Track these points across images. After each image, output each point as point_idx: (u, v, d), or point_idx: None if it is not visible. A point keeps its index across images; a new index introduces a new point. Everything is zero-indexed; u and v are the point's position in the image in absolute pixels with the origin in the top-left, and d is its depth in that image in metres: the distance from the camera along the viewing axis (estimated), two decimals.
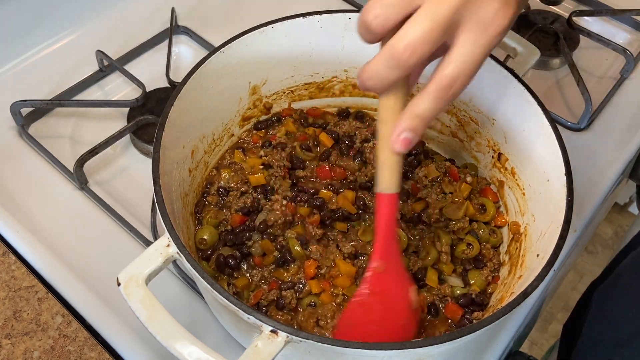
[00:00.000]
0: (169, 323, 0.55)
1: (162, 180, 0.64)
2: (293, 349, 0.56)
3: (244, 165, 0.80)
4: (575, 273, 2.03)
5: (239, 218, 0.76)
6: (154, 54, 1.07)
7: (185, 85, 0.72)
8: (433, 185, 0.80)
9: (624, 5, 1.18)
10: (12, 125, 0.94)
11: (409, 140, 0.56)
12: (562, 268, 0.96)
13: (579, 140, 0.99)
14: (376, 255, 0.64)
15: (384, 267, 0.63)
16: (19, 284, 0.76)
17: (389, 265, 0.64)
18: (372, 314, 0.64)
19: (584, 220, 0.90)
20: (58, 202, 0.87)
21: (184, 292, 0.80)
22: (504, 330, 0.79)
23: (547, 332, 1.90)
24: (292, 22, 0.79)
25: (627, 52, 1.07)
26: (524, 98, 0.74)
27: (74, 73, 1.01)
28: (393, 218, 0.63)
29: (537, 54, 0.81)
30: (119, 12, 1.11)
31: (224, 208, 0.77)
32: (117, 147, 0.94)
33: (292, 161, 0.80)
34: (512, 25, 0.55)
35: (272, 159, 0.80)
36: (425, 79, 0.57)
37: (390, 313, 0.65)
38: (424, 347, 0.55)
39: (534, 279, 0.60)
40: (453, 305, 0.72)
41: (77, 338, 0.73)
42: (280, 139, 0.83)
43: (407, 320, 0.66)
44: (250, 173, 0.78)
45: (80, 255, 0.81)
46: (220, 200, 0.78)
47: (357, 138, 0.83)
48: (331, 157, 0.81)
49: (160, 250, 0.59)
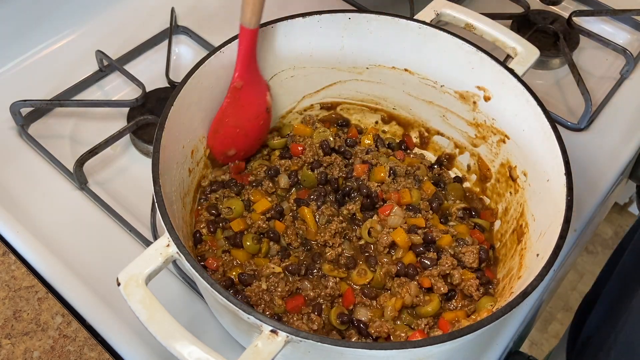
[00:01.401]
0: (169, 323, 0.55)
1: (162, 180, 0.64)
2: (293, 349, 0.56)
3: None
4: (575, 273, 2.03)
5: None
6: (153, 54, 1.07)
7: (185, 85, 0.72)
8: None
9: (624, 5, 1.18)
10: (12, 125, 0.94)
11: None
12: (562, 268, 0.96)
13: (579, 140, 0.99)
14: (236, 76, 0.78)
15: (241, 85, 0.78)
16: (19, 284, 0.76)
17: (247, 82, 0.79)
18: (235, 118, 0.80)
19: (583, 220, 0.90)
20: (58, 202, 0.87)
21: (184, 292, 0.80)
22: (504, 330, 0.79)
23: (547, 332, 1.91)
24: (292, 22, 0.79)
25: (627, 52, 1.07)
26: (524, 98, 0.74)
27: (74, 73, 1.01)
28: (250, 51, 0.76)
29: (537, 54, 0.81)
30: (118, 12, 1.11)
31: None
32: (117, 147, 0.94)
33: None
34: None
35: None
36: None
37: (250, 115, 0.82)
38: (424, 347, 0.55)
39: (534, 279, 0.60)
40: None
41: (77, 338, 0.73)
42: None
43: (264, 119, 0.84)
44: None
45: (80, 255, 0.81)
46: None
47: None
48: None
49: (160, 250, 0.59)
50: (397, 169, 0.83)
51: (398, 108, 0.90)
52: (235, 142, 0.83)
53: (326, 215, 0.79)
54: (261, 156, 0.86)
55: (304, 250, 0.77)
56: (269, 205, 0.79)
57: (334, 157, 0.84)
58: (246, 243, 0.75)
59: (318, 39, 0.82)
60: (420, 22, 0.80)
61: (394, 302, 0.72)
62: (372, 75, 0.87)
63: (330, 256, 0.76)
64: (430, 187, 0.83)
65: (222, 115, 0.80)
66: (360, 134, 0.90)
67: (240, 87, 0.79)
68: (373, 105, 0.91)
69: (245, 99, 0.80)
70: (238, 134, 0.82)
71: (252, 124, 0.83)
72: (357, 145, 0.88)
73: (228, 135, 0.81)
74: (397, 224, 0.77)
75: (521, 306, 0.60)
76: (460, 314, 0.72)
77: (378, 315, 0.72)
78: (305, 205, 0.79)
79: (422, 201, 0.81)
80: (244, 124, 0.82)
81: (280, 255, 0.76)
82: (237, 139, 0.82)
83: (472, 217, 0.82)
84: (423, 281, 0.73)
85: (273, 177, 0.82)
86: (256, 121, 0.84)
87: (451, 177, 0.87)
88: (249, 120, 0.83)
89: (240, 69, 0.78)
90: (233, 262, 0.75)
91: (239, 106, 0.80)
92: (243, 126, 0.82)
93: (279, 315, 0.71)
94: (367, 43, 0.83)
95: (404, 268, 0.74)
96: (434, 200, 0.82)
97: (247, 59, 0.77)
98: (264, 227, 0.77)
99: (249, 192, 0.80)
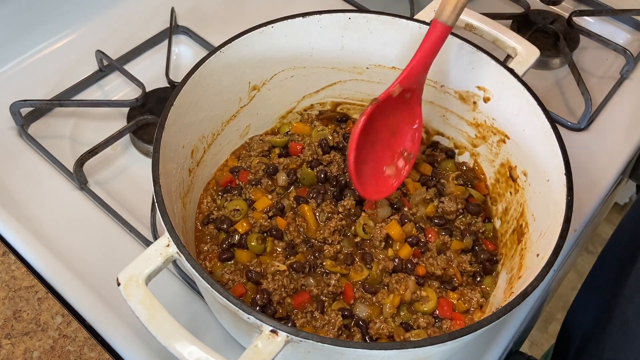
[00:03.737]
0: (169, 323, 0.55)
1: (162, 180, 0.64)
2: (293, 349, 0.56)
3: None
4: (575, 273, 2.03)
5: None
6: (153, 53, 1.07)
7: (184, 85, 0.72)
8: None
9: (624, 5, 1.18)
10: (12, 125, 0.94)
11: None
12: (562, 268, 0.96)
13: (579, 140, 0.99)
14: (399, 79, 0.66)
15: (399, 92, 0.66)
16: (19, 284, 0.76)
17: (404, 95, 0.67)
18: (375, 134, 0.69)
19: (583, 220, 0.90)
20: (58, 202, 0.87)
21: (184, 292, 0.80)
22: (504, 330, 0.79)
23: (547, 332, 1.90)
24: (292, 22, 0.79)
25: (627, 52, 1.07)
26: (524, 98, 0.74)
27: (74, 73, 1.01)
28: (435, 50, 0.65)
29: (537, 54, 0.81)
30: (118, 12, 1.11)
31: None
32: (117, 147, 0.94)
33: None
34: None
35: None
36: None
37: (392, 138, 0.70)
38: (424, 347, 0.55)
39: (534, 279, 0.60)
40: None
41: (77, 338, 0.72)
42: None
43: (405, 151, 0.72)
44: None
45: (80, 255, 0.81)
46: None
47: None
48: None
49: (160, 250, 0.59)
50: None
51: None
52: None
53: (326, 212, 0.79)
54: (261, 152, 0.86)
55: (306, 247, 0.77)
56: (270, 202, 0.79)
57: (333, 154, 0.85)
58: (251, 243, 0.75)
59: (318, 39, 0.82)
60: (420, 22, 0.80)
61: (392, 299, 0.72)
62: (372, 75, 0.87)
63: (329, 253, 0.76)
64: (427, 167, 0.85)
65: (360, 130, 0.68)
66: None
67: (397, 95, 0.67)
68: None
69: (393, 113, 0.68)
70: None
71: (392, 150, 0.71)
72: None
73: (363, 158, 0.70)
74: (387, 214, 0.79)
75: (521, 306, 0.60)
76: (455, 296, 0.74)
77: (377, 314, 0.72)
78: (305, 202, 0.80)
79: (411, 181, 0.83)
80: (385, 144, 0.71)
81: (287, 252, 0.76)
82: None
83: (466, 186, 0.84)
84: (419, 270, 0.75)
85: (272, 175, 0.82)
86: (395, 147, 0.71)
87: (443, 155, 0.88)
88: (388, 144, 0.71)
89: (407, 75, 0.67)
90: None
91: (382, 122, 0.69)
92: (383, 147, 0.71)
93: (288, 315, 0.72)
94: (367, 43, 0.83)
95: (401, 264, 0.75)
96: (432, 178, 0.84)
97: (421, 64, 0.67)
98: (266, 225, 0.77)
99: (249, 191, 0.80)
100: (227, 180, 0.83)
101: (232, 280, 0.73)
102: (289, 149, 0.85)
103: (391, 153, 0.74)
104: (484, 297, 0.74)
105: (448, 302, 0.74)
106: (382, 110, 0.70)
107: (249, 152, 0.87)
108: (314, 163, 0.83)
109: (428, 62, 0.68)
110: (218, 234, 0.78)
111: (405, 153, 0.72)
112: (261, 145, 0.87)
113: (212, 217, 0.79)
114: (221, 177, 0.84)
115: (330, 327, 0.70)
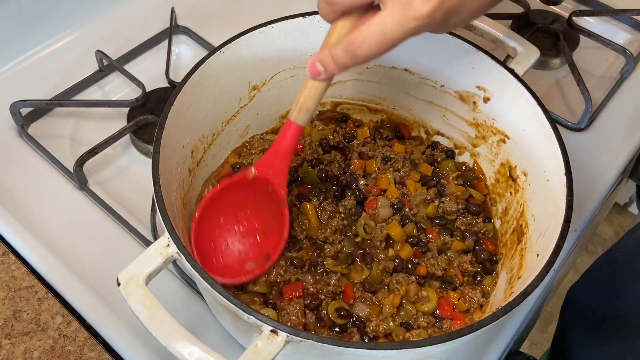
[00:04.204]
0: (169, 323, 0.55)
1: (162, 180, 0.64)
2: (293, 349, 0.56)
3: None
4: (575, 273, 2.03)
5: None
6: (153, 54, 1.07)
7: (185, 85, 0.72)
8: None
9: (624, 5, 1.18)
10: (12, 125, 0.94)
11: (316, 70, 0.64)
12: (562, 268, 0.96)
13: (579, 140, 0.99)
14: (257, 164, 0.71)
15: (253, 176, 0.71)
16: (19, 284, 0.76)
17: (267, 187, 0.71)
18: (243, 222, 0.73)
19: (584, 220, 0.90)
20: (58, 202, 0.87)
21: (184, 292, 0.80)
22: (504, 330, 0.79)
23: (547, 332, 1.90)
24: (292, 22, 0.79)
25: (627, 52, 1.07)
26: (524, 98, 0.74)
27: (74, 73, 1.01)
28: (291, 147, 0.70)
29: (537, 54, 0.81)
30: (118, 12, 1.11)
31: None
32: (117, 147, 0.94)
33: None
34: (435, 17, 0.57)
35: None
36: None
37: (262, 235, 0.73)
38: (424, 347, 0.55)
39: (534, 279, 0.60)
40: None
41: (77, 338, 0.72)
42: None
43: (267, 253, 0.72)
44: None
45: (80, 255, 0.81)
46: None
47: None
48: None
49: (160, 250, 0.59)
50: (392, 156, 0.84)
51: (398, 108, 0.90)
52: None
53: (328, 211, 0.79)
54: (262, 150, 0.86)
55: (309, 243, 0.77)
56: None
57: (334, 154, 0.85)
58: None
59: (318, 39, 0.81)
60: None
61: (391, 299, 0.72)
62: (372, 75, 0.87)
63: (329, 252, 0.76)
64: (427, 168, 0.85)
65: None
66: (358, 127, 0.91)
67: (251, 179, 0.71)
68: (373, 105, 0.91)
69: (250, 199, 0.72)
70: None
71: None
72: (355, 139, 0.88)
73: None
74: (387, 215, 0.79)
75: (521, 306, 0.60)
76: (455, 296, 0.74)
77: (376, 313, 0.72)
78: (307, 200, 0.80)
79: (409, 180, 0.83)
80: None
81: (291, 247, 0.76)
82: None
83: (466, 186, 0.84)
84: (420, 270, 0.75)
85: None
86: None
87: (443, 155, 0.88)
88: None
89: (263, 161, 0.71)
90: None
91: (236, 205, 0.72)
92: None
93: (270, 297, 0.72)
94: None
95: (402, 264, 0.75)
96: (432, 179, 0.84)
97: (279, 157, 0.71)
98: None
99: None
100: (228, 175, 0.83)
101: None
102: None
103: (256, 249, 0.74)
104: (484, 297, 0.74)
105: (449, 301, 0.74)
106: (250, 196, 0.73)
107: (250, 150, 0.87)
108: (315, 162, 0.83)
109: (285, 157, 0.71)
110: None
111: (266, 254, 0.73)
112: (262, 143, 0.87)
113: None
114: (222, 171, 0.84)
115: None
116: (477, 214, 0.81)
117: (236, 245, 0.73)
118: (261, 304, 0.72)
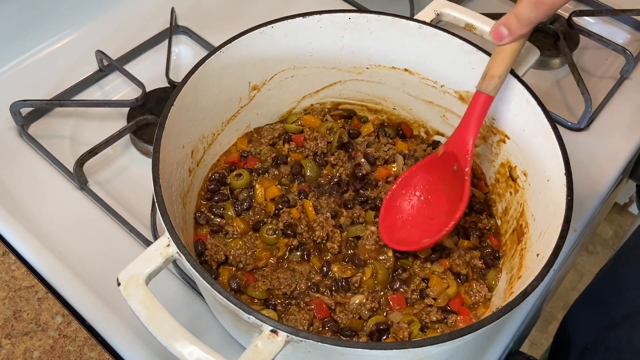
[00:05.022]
0: (169, 323, 0.55)
1: (162, 180, 0.64)
2: (293, 349, 0.56)
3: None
4: (575, 273, 2.03)
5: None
6: (153, 54, 1.07)
7: (185, 85, 0.72)
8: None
9: (624, 5, 1.18)
10: (12, 125, 0.94)
11: (500, 34, 0.69)
12: (562, 268, 0.96)
13: (579, 140, 0.99)
14: (446, 142, 0.73)
15: (442, 152, 0.73)
16: (19, 284, 0.76)
17: (452, 166, 0.72)
18: (428, 196, 0.75)
19: (584, 220, 0.90)
20: (58, 202, 0.87)
21: (184, 292, 0.80)
22: (504, 330, 0.79)
23: (547, 332, 1.90)
24: (292, 22, 0.79)
25: (627, 52, 1.07)
26: (524, 98, 0.74)
27: (74, 73, 1.01)
28: (479, 118, 0.71)
29: (537, 54, 0.81)
30: (119, 12, 1.11)
31: None
32: (117, 147, 0.94)
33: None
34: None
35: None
36: None
37: (444, 214, 0.74)
38: (424, 347, 0.55)
39: (534, 279, 0.60)
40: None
41: (77, 338, 0.72)
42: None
43: (443, 219, 0.73)
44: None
45: (80, 255, 0.81)
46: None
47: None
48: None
49: (160, 250, 0.59)
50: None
51: (398, 108, 0.90)
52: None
53: (330, 209, 0.79)
54: (272, 140, 0.86)
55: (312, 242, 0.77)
56: (279, 192, 0.80)
57: (337, 153, 0.85)
58: (263, 234, 0.76)
59: (318, 39, 0.82)
60: (420, 22, 0.80)
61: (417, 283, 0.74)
62: (372, 75, 0.87)
63: (332, 250, 0.76)
64: None
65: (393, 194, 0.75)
66: (364, 122, 0.91)
67: (439, 156, 0.74)
68: (373, 105, 0.91)
69: (435, 178, 0.75)
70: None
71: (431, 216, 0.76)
72: (359, 136, 0.88)
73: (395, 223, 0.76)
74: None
75: (521, 306, 0.60)
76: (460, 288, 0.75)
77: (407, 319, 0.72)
78: (305, 197, 0.80)
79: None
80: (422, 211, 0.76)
81: (298, 250, 0.77)
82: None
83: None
84: (442, 263, 0.76)
85: (279, 165, 0.82)
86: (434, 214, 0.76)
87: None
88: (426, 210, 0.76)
89: (452, 139, 0.73)
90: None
91: (423, 187, 0.76)
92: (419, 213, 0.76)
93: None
94: (367, 43, 0.83)
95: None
96: None
97: (466, 132, 0.72)
98: (283, 219, 0.77)
99: (255, 180, 0.81)
100: (233, 160, 0.84)
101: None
102: (293, 140, 0.85)
103: (433, 225, 0.75)
104: (490, 292, 0.75)
105: (459, 295, 0.74)
106: (438, 174, 0.76)
107: (260, 138, 0.87)
108: (320, 160, 0.83)
109: (470, 129, 0.72)
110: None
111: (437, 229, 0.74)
112: (271, 132, 0.87)
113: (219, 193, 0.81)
114: (228, 155, 0.85)
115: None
116: (481, 212, 0.81)
117: (414, 218, 0.77)
118: (261, 304, 0.72)
